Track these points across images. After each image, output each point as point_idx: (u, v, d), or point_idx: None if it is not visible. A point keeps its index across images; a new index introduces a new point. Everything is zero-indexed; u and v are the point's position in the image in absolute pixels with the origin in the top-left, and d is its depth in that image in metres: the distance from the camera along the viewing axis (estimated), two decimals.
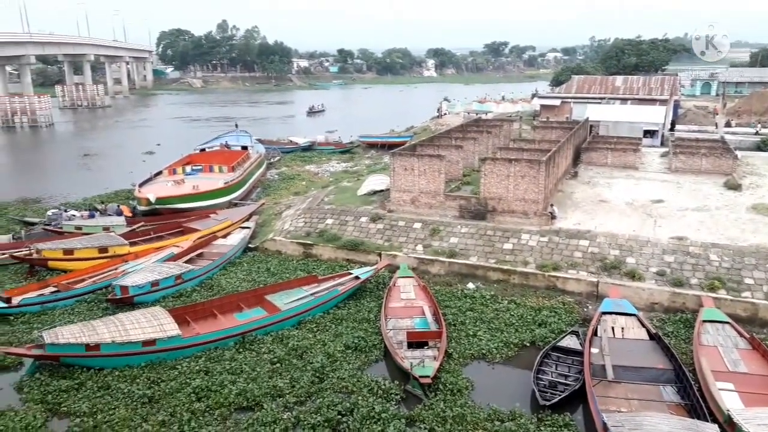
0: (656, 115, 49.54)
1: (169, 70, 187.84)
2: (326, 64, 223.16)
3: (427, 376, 16.93)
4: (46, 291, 23.82)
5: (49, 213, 34.61)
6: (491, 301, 22.93)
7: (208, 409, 16.19)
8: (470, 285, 24.57)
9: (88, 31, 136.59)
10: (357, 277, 24.27)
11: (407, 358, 18.00)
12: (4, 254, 27.57)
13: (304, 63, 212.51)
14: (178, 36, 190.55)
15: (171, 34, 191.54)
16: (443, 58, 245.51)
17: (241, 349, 19.44)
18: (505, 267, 24.89)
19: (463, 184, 32.80)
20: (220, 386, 17.07)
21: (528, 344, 19.89)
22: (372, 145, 62.65)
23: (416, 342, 19.29)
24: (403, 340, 19.32)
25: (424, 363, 17.61)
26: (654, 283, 22.62)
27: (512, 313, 21.91)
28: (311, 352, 19.15)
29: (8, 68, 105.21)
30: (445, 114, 79.17)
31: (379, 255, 27.03)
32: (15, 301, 22.51)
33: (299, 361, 18.66)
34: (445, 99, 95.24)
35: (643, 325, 19.69)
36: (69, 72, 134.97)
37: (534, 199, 27.07)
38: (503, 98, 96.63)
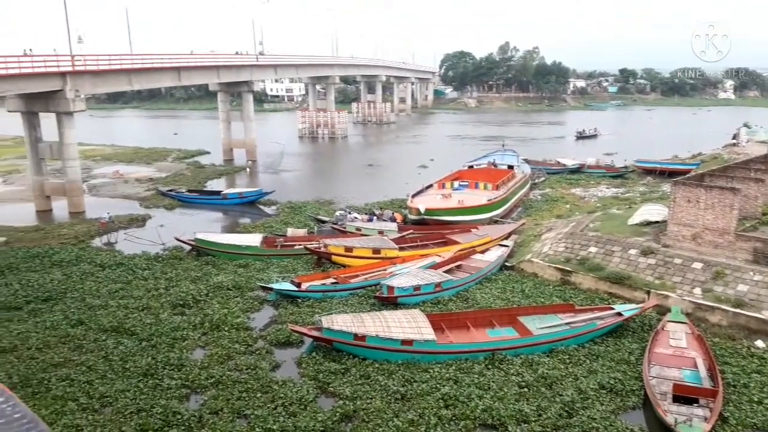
0: None
1: (448, 90, 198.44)
2: (605, 84, 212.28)
3: None
4: (328, 281, 27.25)
5: (337, 213, 39.55)
6: None
7: (453, 418, 16.67)
8: (759, 343, 20.96)
9: (382, 54, 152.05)
10: (619, 314, 22.60)
11: (671, 413, 16.14)
12: (300, 245, 32.33)
13: (581, 83, 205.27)
14: (461, 58, 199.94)
15: (454, 57, 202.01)
16: (745, 79, 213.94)
17: (489, 366, 19.60)
18: None
19: (761, 224, 28.13)
20: (468, 398, 17.43)
21: None
22: (649, 171, 57.74)
23: (684, 396, 17.18)
24: (667, 392, 17.38)
25: (692, 422, 15.64)
26: None
27: None
28: (561, 384, 18.43)
29: (317, 87, 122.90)
30: (742, 142, 69.16)
31: (648, 293, 24.73)
32: (304, 286, 26.21)
33: (548, 391, 18.11)
34: (745, 125, 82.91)
35: None
36: (364, 91, 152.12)
37: None
38: None
